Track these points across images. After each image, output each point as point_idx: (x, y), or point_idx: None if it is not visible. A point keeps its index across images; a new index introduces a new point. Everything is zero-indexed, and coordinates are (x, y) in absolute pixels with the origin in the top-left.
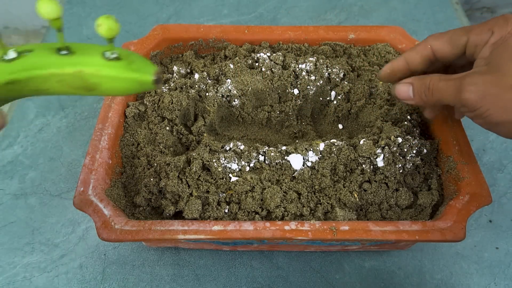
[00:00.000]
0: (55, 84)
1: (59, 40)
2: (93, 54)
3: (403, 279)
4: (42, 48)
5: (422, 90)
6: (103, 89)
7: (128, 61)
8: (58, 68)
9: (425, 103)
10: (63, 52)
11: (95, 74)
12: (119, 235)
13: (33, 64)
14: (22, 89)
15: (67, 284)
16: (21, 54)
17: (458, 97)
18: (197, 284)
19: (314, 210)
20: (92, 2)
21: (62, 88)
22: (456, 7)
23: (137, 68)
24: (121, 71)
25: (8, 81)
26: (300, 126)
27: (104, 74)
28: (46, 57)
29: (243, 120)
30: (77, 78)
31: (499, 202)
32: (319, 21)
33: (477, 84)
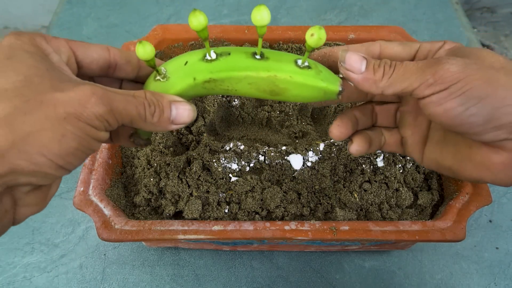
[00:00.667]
0: (245, 86)
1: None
2: (286, 61)
3: (403, 279)
4: (239, 52)
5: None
6: (288, 94)
7: (317, 71)
8: (253, 71)
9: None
10: (257, 56)
11: (287, 80)
12: (119, 235)
13: (232, 66)
14: (215, 87)
15: (67, 284)
16: (219, 55)
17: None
18: (197, 284)
19: (314, 210)
20: (92, 2)
21: (249, 90)
22: (456, 7)
23: (325, 77)
24: (311, 79)
25: (207, 79)
26: (300, 126)
27: (296, 81)
28: (243, 61)
29: (243, 120)
30: (269, 82)
31: (499, 202)
32: (319, 21)
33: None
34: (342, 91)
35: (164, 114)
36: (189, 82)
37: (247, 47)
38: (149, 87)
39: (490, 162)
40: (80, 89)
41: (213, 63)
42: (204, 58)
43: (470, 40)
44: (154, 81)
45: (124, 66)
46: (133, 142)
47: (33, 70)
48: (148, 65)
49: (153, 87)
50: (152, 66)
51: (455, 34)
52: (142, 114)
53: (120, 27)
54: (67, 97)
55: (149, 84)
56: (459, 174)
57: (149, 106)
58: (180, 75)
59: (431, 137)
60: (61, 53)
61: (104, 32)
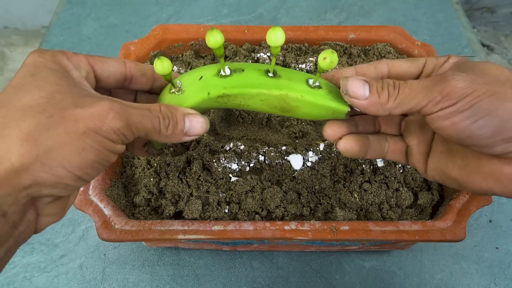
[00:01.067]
0: (257, 102)
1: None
2: (298, 81)
3: (403, 279)
4: (253, 69)
5: (386, 87)
6: (299, 112)
7: (327, 91)
8: (266, 89)
9: (381, 105)
10: (270, 74)
11: (298, 98)
12: (119, 235)
13: (245, 83)
14: (228, 102)
15: (67, 284)
16: (233, 71)
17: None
18: (197, 284)
19: (314, 210)
20: (92, 2)
21: (261, 106)
22: (456, 7)
23: (335, 97)
24: (321, 99)
25: (221, 94)
26: (300, 126)
27: (306, 100)
28: (257, 78)
29: (243, 120)
30: (280, 99)
31: (499, 202)
32: (319, 21)
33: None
34: (351, 110)
35: (178, 127)
36: (203, 96)
37: (261, 64)
38: (164, 100)
39: (500, 174)
40: (99, 105)
41: (227, 79)
42: (219, 73)
43: (470, 40)
44: (169, 93)
45: (139, 78)
46: (147, 151)
47: (55, 87)
48: (165, 79)
49: (168, 100)
50: (169, 80)
51: (455, 34)
52: (157, 128)
53: (120, 27)
54: (87, 112)
55: (164, 96)
56: (466, 186)
57: (164, 119)
58: (195, 89)
59: (434, 148)
60: (81, 69)
61: (104, 32)
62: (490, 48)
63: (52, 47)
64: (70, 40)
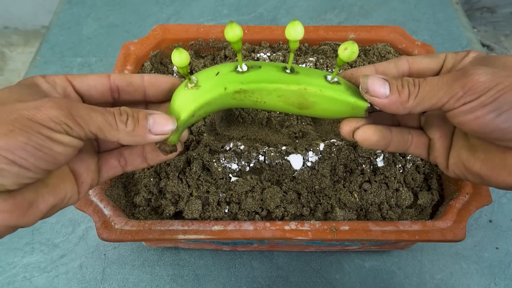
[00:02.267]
0: (275, 98)
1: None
2: (316, 76)
3: (403, 279)
4: (270, 65)
5: (406, 85)
6: (317, 108)
7: (346, 86)
8: (284, 83)
9: (402, 103)
10: (287, 71)
11: (317, 93)
12: (119, 235)
13: (263, 78)
14: (245, 98)
15: (67, 284)
16: (250, 68)
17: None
18: (197, 284)
19: (314, 210)
20: (92, 2)
21: (278, 103)
22: (456, 7)
23: (354, 93)
24: (340, 94)
25: (238, 90)
26: (300, 126)
27: (325, 95)
28: (274, 73)
29: (243, 120)
30: (298, 95)
31: (499, 202)
32: (319, 21)
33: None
34: (371, 107)
35: (140, 123)
36: (220, 91)
37: (278, 63)
38: (178, 95)
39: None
40: (42, 100)
41: (244, 75)
42: (236, 69)
43: (470, 40)
44: (185, 89)
45: (126, 88)
46: (159, 148)
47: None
48: (181, 72)
49: (183, 95)
50: (185, 74)
51: (455, 34)
52: (111, 122)
53: (120, 27)
54: (25, 105)
55: (179, 92)
56: (490, 181)
57: (120, 114)
58: (211, 84)
59: (455, 142)
60: (56, 85)
61: (104, 32)
62: (490, 48)
63: (52, 47)
64: (70, 40)
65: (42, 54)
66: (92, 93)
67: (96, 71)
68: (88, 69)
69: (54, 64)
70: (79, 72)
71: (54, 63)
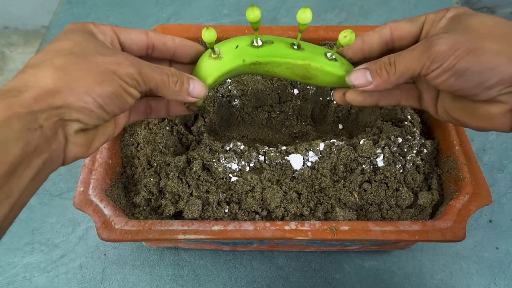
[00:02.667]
0: (283, 69)
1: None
2: (318, 53)
3: (403, 279)
4: (281, 41)
5: (383, 67)
6: (317, 79)
7: (341, 63)
8: (292, 58)
9: (386, 82)
10: (295, 47)
11: (318, 68)
12: (119, 235)
13: (275, 53)
14: (259, 68)
15: (67, 284)
16: (264, 43)
17: (427, 56)
18: (197, 284)
19: (314, 210)
20: (92, 2)
21: (286, 73)
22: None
23: (347, 69)
24: (336, 69)
25: (254, 61)
26: (300, 126)
27: (324, 69)
28: (284, 49)
29: (243, 120)
30: (303, 68)
31: (499, 202)
32: (319, 21)
33: (445, 37)
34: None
35: (184, 85)
36: (239, 63)
37: (287, 38)
38: (203, 63)
39: (490, 114)
40: (117, 55)
41: (260, 49)
42: (252, 44)
43: None
44: (209, 59)
45: (160, 47)
46: (188, 107)
47: (81, 38)
48: (209, 46)
49: (208, 63)
50: (211, 47)
51: None
52: (166, 81)
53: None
54: (108, 59)
55: (204, 61)
56: (467, 125)
57: (172, 76)
58: (232, 56)
59: (440, 94)
60: (106, 35)
61: None
62: None
63: None
64: None
65: None
66: (133, 46)
67: None
68: None
69: None
70: None
71: None
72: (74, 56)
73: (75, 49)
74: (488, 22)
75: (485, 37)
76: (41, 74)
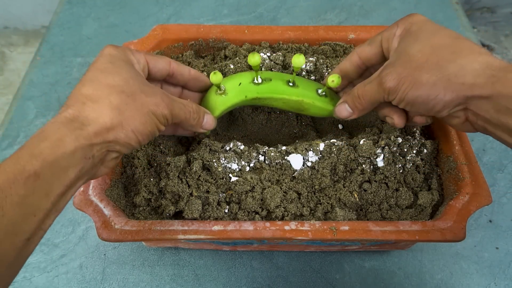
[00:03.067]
0: (280, 103)
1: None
2: (310, 90)
3: (403, 279)
4: (278, 79)
5: (355, 101)
6: (310, 112)
7: (331, 98)
8: (288, 95)
9: (364, 110)
10: (290, 84)
11: (310, 103)
12: (119, 235)
13: (273, 90)
14: (259, 102)
15: (67, 284)
16: (263, 80)
17: (382, 89)
18: (197, 284)
19: (314, 210)
20: (92, 2)
21: (282, 106)
22: (456, 7)
23: (335, 103)
24: (326, 105)
25: (254, 97)
26: (300, 126)
27: (316, 105)
28: (281, 86)
29: (243, 120)
30: (297, 103)
31: (499, 202)
32: (319, 21)
33: (392, 73)
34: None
35: (200, 120)
36: (242, 98)
37: (284, 74)
38: (211, 98)
39: (452, 124)
40: (156, 95)
41: (260, 86)
42: (253, 81)
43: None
44: (216, 94)
45: (178, 76)
46: (197, 136)
47: (128, 74)
48: (216, 85)
49: (215, 98)
50: (217, 85)
51: None
52: (188, 118)
53: (120, 27)
54: (149, 99)
55: (210, 95)
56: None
57: (193, 113)
58: (235, 93)
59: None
60: (140, 63)
61: (104, 32)
62: (490, 48)
63: (52, 47)
64: (70, 40)
65: (42, 54)
66: (157, 74)
67: None
68: None
69: (54, 64)
70: (79, 72)
71: (54, 63)
72: (125, 95)
73: (125, 88)
74: (425, 49)
75: (422, 69)
76: (101, 110)
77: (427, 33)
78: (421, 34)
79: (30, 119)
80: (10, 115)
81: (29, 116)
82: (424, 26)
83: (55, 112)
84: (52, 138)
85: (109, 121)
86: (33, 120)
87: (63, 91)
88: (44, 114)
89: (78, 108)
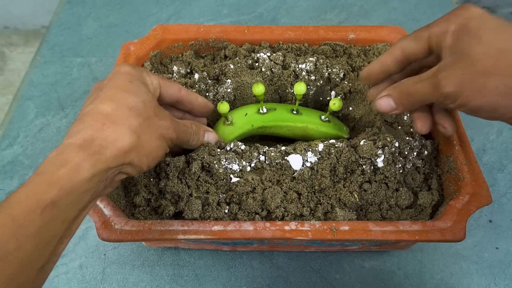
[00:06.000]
0: (285, 131)
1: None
2: (314, 116)
3: (403, 279)
4: (282, 108)
5: (403, 97)
6: (314, 137)
7: (333, 123)
8: (293, 122)
9: (410, 108)
10: (294, 112)
11: (315, 129)
12: (119, 235)
13: (278, 118)
14: (265, 130)
15: (67, 284)
16: (268, 110)
17: (438, 93)
18: (197, 284)
19: (314, 210)
20: (92, 2)
21: (287, 133)
22: (456, 7)
23: (339, 128)
24: (330, 130)
25: (261, 126)
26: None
27: (320, 130)
28: (286, 115)
29: None
30: (302, 130)
31: (499, 202)
32: (319, 21)
33: (451, 77)
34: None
35: (200, 139)
36: (249, 128)
37: (288, 105)
38: (219, 129)
39: None
40: (166, 119)
41: (265, 115)
42: (258, 111)
43: None
44: (223, 125)
45: (186, 103)
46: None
47: (145, 96)
48: (223, 115)
49: (223, 129)
50: (225, 116)
51: None
52: (188, 140)
53: (120, 27)
54: (161, 123)
55: (218, 126)
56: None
57: (193, 135)
58: (242, 123)
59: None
60: (153, 86)
61: (104, 32)
62: None
63: (52, 47)
64: (70, 40)
65: (42, 54)
66: (166, 98)
67: (96, 71)
68: (88, 69)
69: (54, 64)
70: (79, 72)
71: (54, 63)
72: (142, 118)
73: (142, 111)
74: (491, 52)
75: (489, 74)
76: (120, 133)
77: (491, 32)
78: (484, 33)
79: (30, 119)
80: (10, 115)
81: (29, 116)
82: (486, 23)
83: (55, 112)
84: (70, 164)
85: (128, 145)
86: (33, 120)
87: (63, 91)
88: (44, 114)
89: (97, 129)
